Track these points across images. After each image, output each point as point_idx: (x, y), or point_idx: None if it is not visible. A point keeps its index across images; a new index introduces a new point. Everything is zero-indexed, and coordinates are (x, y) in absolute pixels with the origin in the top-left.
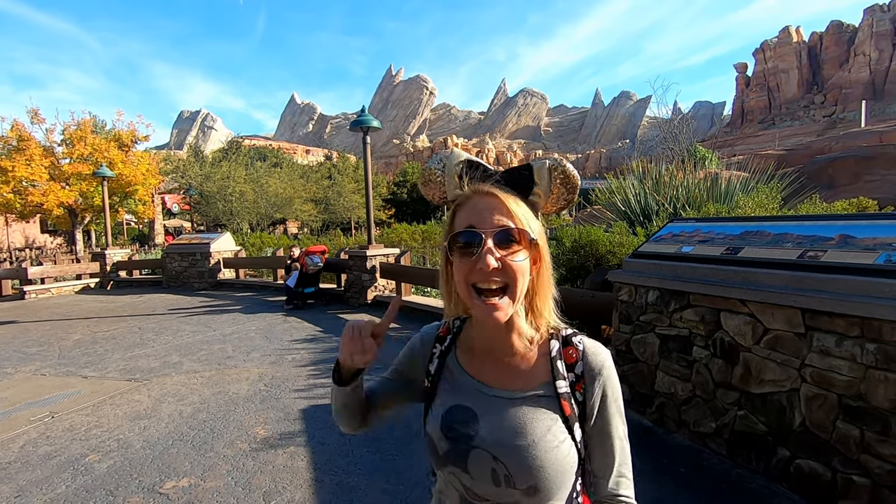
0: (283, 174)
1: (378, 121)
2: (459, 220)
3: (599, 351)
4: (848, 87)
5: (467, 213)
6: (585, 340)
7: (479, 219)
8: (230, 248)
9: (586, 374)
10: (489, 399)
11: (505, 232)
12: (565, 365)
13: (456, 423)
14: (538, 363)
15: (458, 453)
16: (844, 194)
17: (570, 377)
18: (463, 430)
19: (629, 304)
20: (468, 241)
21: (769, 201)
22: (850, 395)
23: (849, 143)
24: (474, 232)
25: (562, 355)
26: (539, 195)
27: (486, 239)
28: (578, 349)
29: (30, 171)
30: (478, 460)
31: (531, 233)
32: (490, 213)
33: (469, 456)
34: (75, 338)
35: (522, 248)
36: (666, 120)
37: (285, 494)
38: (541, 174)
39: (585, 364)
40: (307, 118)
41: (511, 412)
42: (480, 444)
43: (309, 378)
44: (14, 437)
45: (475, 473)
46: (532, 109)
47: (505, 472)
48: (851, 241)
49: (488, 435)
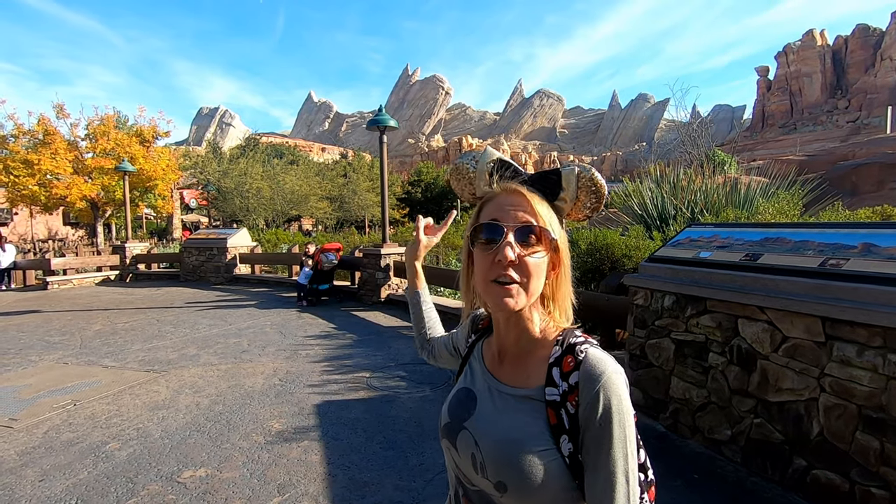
0: (300, 172)
1: (395, 120)
2: (485, 214)
3: (602, 364)
4: (873, 92)
5: (493, 208)
6: (590, 350)
7: (503, 214)
8: (246, 243)
9: (581, 384)
10: (491, 389)
11: (526, 228)
12: (561, 372)
13: (459, 403)
14: (538, 365)
15: (452, 429)
16: (868, 202)
17: (563, 386)
18: (462, 409)
19: (645, 309)
20: (490, 233)
21: (790, 207)
22: (870, 405)
23: (873, 149)
24: (497, 225)
25: (560, 362)
26: (565, 200)
27: (508, 232)
28: (578, 358)
29: (55, 164)
30: (463, 441)
31: (552, 233)
32: (514, 209)
33: (459, 434)
34: (96, 328)
35: (542, 248)
36: (684, 123)
37: (299, 487)
38: (568, 180)
39: (582, 375)
40: (323, 116)
41: (500, 405)
42: (468, 426)
43: (323, 374)
44: (38, 423)
45: (461, 452)
46: (548, 111)
47: (481, 459)
48: (875, 249)
49: (476, 420)
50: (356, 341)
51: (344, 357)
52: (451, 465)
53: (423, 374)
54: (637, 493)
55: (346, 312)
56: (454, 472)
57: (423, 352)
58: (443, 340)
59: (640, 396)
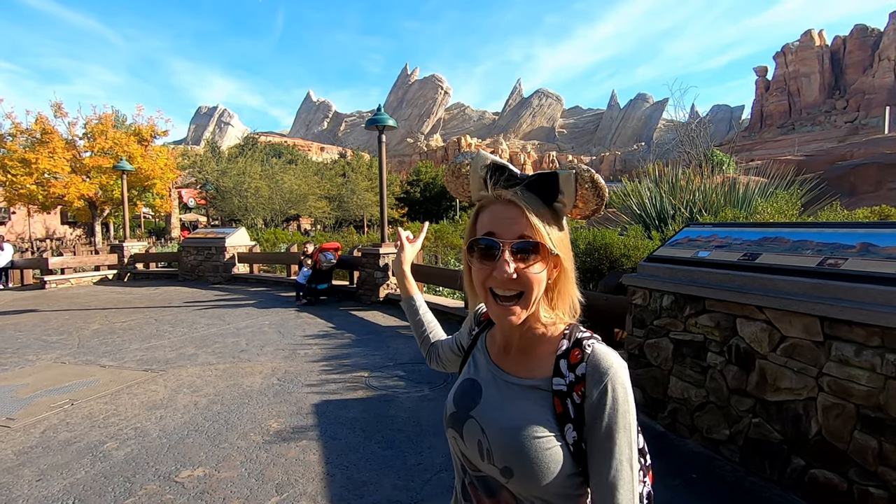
0: (298, 171)
1: (394, 119)
2: (481, 224)
3: (609, 358)
4: (871, 93)
5: (489, 218)
6: (597, 346)
7: (500, 227)
8: (245, 243)
9: (588, 376)
10: (497, 379)
11: (523, 244)
12: (568, 364)
13: (464, 393)
14: (546, 358)
15: (458, 418)
16: (866, 202)
17: (569, 377)
18: (467, 399)
19: (643, 308)
20: (487, 248)
21: (788, 207)
22: (868, 405)
23: (871, 149)
24: (493, 240)
25: (567, 355)
26: (564, 203)
27: (504, 249)
28: (586, 352)
29: (52, 163)
30: (470, 429)
31: (550, 245)
32: (511, 222)
33: (465, 423)
34: (94, 327)
35: (539, 261)
36: (683, 123)
37: (297, 487)
38: (567, 182)
39: (589, 367)
40: (322, 116)
41: (506, 393)
42: (475, 414)
43: (321, 373)
44: (35, 422)
45: (467, 441)
46: (547, 110)
47: (487, 446)
48: (873, 249)
49: (483, 408)
50: (355, 341)
51: (342, 356)
52: (456, 454)
53: (422, 373)
54: (638, 478)
55: (344, 312)
56: (460, 459)
57: (430, 361)
58: (447, 344)
59: (638, 396)
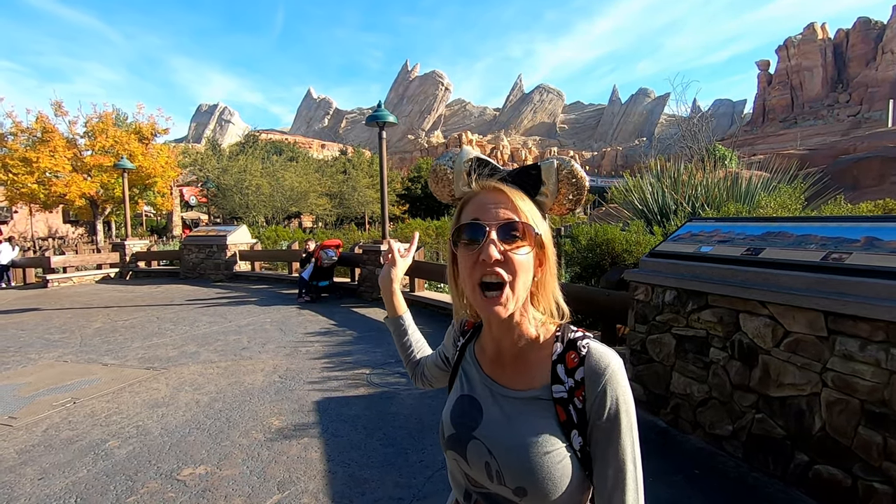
0: (299, 168)
1: (394, 116)
2: (465, 214)
3: (606, 357)
4: (874, 86)
5: (473, 207)
6: (592, 345)
7: (484, 212)
8: (246, 240)
9: (587, 379)
10: (494, 394)
11: (509, 225)
12: (566, 369)
13: (463, 412)
14: (541, 365)
15: (459, 440)
16: (870, 195)
17: (569, 382)
18: (467, 419)
19: (645, 304)
20: (472, 233)
21: (792, 202)
22: (873, 400)
23: (874, 143)
24: (478, 224)
25: (563, 359)
26: (546, 195)
27: (490, 231)
28: (581, 353)
29: (53, 162)
30: (475, 451)
31: (535, 228)
32: (495, 207)
33: (468, 445)
34: (96, 326)
35: (526, 244)
36: (685, 118)
37: (299, 484)
38: (548, 173)
39: (587, 369)
40: (323, 113)
41: (509, 410)
42: (479, 435)
43: (323, 371)
44: (38, 421)
45: (472, 462)
46: (548, 106)
47: (497, 467)
48: (878, 243)
49: (487, 428)
50: (356, 338)
51: (344, 354)
52: (457, 474)
53: None
54: (642, 475)
55: (346, 309)
56: (462, 479)
57: (416, 380)
58: (431, 359)
59: (640, 392)
